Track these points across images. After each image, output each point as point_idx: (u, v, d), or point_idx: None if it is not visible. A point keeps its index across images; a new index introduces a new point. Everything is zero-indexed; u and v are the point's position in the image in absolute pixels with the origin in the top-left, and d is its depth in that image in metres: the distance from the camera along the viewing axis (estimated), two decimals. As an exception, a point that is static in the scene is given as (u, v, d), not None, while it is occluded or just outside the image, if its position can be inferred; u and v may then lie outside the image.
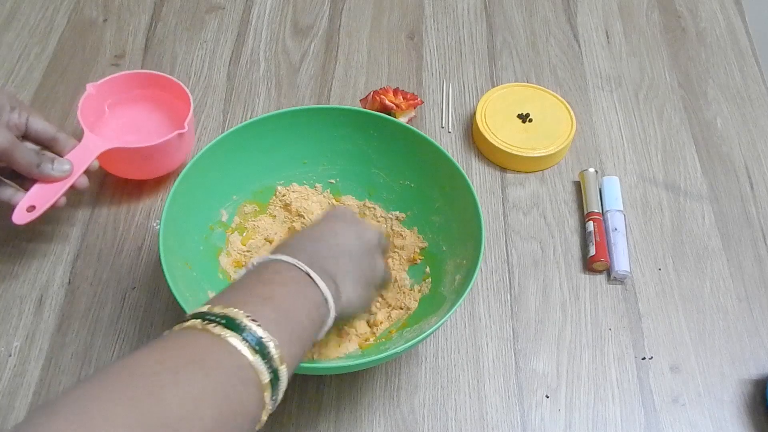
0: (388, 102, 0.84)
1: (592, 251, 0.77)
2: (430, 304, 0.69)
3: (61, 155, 0.71)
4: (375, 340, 0.68)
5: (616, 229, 0.79)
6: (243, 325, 0.45)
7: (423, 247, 0.74)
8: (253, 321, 0.45)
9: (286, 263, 0.53)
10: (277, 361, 0.45)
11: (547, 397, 0.69)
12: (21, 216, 0.68)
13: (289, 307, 0.50)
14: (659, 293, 0.77)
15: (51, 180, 0.69)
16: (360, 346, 0.68)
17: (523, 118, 0.87)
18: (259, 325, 0.45)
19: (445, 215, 0.72)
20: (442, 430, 0.67)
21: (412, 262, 0.74)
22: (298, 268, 0.52)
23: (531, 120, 0.87)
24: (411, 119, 0.87)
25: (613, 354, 0.72)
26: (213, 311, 0.46)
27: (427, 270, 0.72)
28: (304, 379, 0.68)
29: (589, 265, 0.77)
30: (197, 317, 0.46)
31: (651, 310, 0.75)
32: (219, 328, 0.44)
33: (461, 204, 0.69)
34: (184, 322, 0.46)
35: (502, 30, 1.00)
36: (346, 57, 0.96)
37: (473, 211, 0.66)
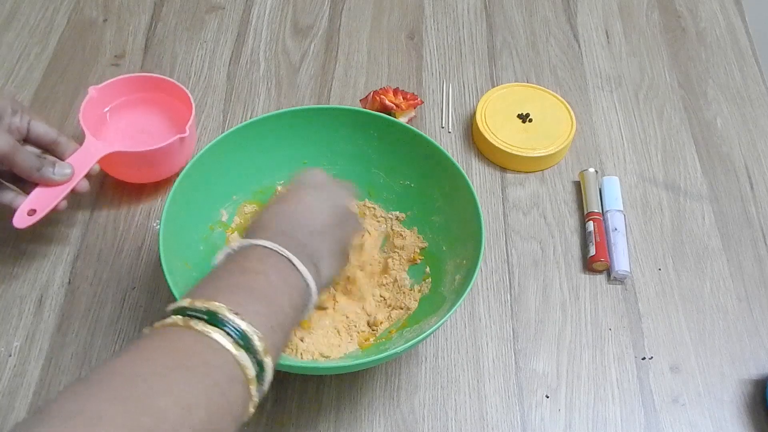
0: (388, 102, 0.84)
1: (592, 251, 0.77)
2: (430, 304, 0.69)
3: (63, 159, 0.71)
4: (375, 340, 0.68)
5: (616, 229, 0.79)
6: (226, 320, 0.45)
7: (423, 247, 0.74)
8: (235, 314, 0.45)
9: (267, 249, 0.52)
10: (262, 353, 0.45)
11: (547, 397, 0.69)
12: (22, 220, 0.68)
13: (272, 295, 0.50)
14: (659, 293, 0.77)
15: (52, 184, 0.69)
16: (360, 346, 0.68)
17: (523, 118, 0.87)
18: (243, 318, 0.45)
19: (445, 215, 0.72)
20: (442, 430, 0.67)
21: (412, 262, 0.74)
22: (279, 254, 0.52)
23: (531, 120, 0.87)
24: (411, 119, 0.87)
25: (613, 354, 0.72)
26: (194, 306, 0.46)
27: (427, 270, 0.72)
28: (304, 379, 0.68)
29: (589, 265, 0.77)
30: (178, 312, 0.46)
31: (651, 310, 0.75)
32: (202, 324, 0.44)
33: (461, 204, 0.69)
34: (166, 318, 0.46)
35: (502, 30, 1.00)
36: (346, 57, 0.96)
37: (473, 210, 0.66)
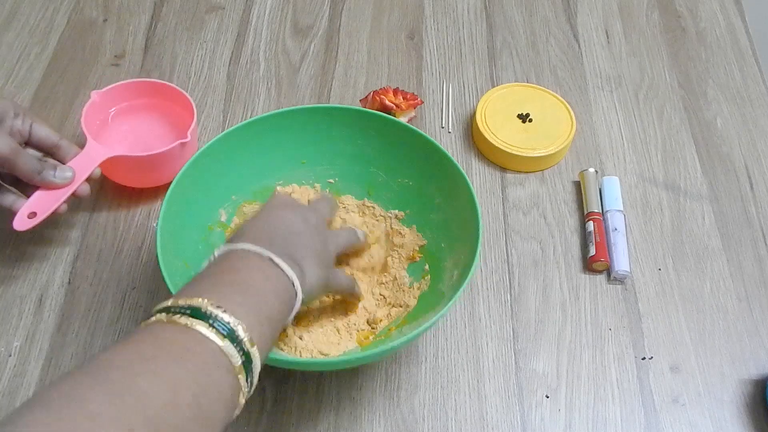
0: (388, 102, 0.84)
1: (592, 251, 0.77)
2: (429, 301, 0.68)
3: (64, 162, 0.71)
4: (374, 338, 0.68)
5: (616, 229, 0.79)
6: (209, 312, 0.45)
7: (422, 245, 0.74)
8: (218, 307, 0.46)
9: (246, 251, 0.53)
10: (248, 344, 0.46)
11: (547, 397, 0.69)
12: (22, 223, 0.68)
13: (254, 289, 0.50)
14: (659, 293, 0.77)
15: (53, 187, 0.69)
16: (359, 344, 0.68)
17: (523, 118, 0.87)
18: (225, 311, 0.46)
19: (444, 213, 0.72)
20: (442, 430, 0.67)
21: (412, 260, 0.73)
22: (258, 254, 0.53)
23: (531, 120, 0.87)
24: (411, 119, 0.87)
25: (613, 354, 0.72)
26: (177, 304, 0.46)
27: (426, 268, 0.72)
28: (304, 379, 0.68)
29: (589, 265, 0.77)
30: (162, 312, 0.46)
31: (651, 310, 0.75)
32: (185, 318, 0.45)
33: (460, 201, 0.69)
34: (150, 318, 0.46)
35: (502, 30, 1.00)
36: (346, 57, 0.96)
37: (471, 208, 0.66)
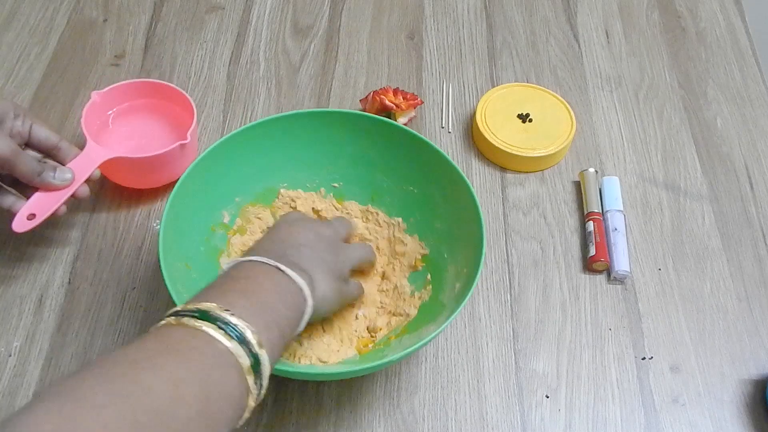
0: (388, 102, 0.84)
1: (592, 251, 0.77)
2: (430, 311, 0.68)
3: (63, 164, 0.71)
4: (374, 346, 0.68)
5: (616, 229, 0.79)
6: (217, 316, 0.46)
7: (424, 254, 0.73)
8: (226, 311, 0.46)
9: (257, 262, 0.55)
10: (256, 346, 0.46)
11: (547, 397, 0.69)
12: (21, 224, 0.68)
13: (264, 296, 0.51)
14: (659, 293, 0.77)
15: (52, 188, 0.69)
16: (358, 351, 0.67)
17: (523, 118, 0.87)
18: (233, 314, 0.46)
19: (448, 222, 0.71)
20: (442, 430, 0.67)
21: (414, 268, 0.73)
22: (267, 264, 0.54)
23: (531, 120, 0.87)
24: (411, 119, 0.87)
25: (613, 354, 0.72)
26: (186, 308, 0.47)
27: (428, 277, 0.71)
28: (303, 380, 0.68)
29: (589, 265, 0.77)
30: (171, 316, 0.47)
31: (651, 310, 0.75)
32: (193, 321, 0.45)
33: (463, 211, 0.68)
34: (159, 322, 0.47)
35: (502, 30, 1.00)
36: (346, 57, 0.96)
37: (475, 219, 0.65)
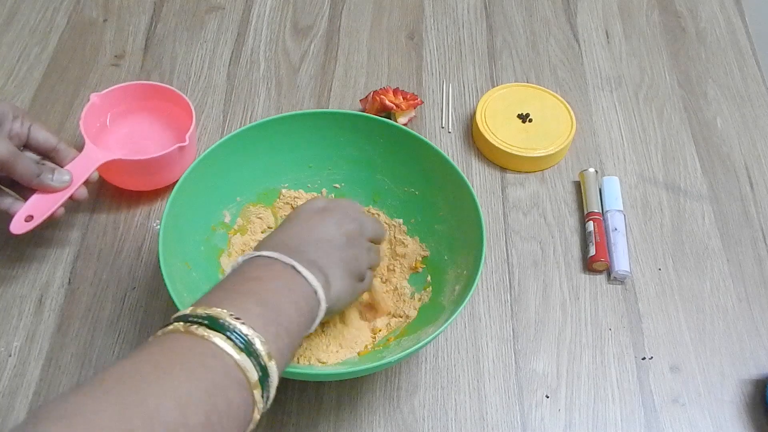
0: (388, 102, 0.84)
1: (592, 251, 0.77)
2: (430, 313, 0.68)
3: (62, 165, 0.71)
4: (373, 347, 0.68)
5: (616, 229, 0.79)
6: (227, 324, 0.44)
7: (425, 256, 0.73)
8: (237, 319, 0.45)
9: (270, 258, 0.53)
10: (265, 358, 0.45)
11: (547, 397, 0.69)
12: (19, 226, 0.68)
13: (275, 301, 0.49)
14: (659, 293, 0.77)
15: (50, 190, 0.69)
16: (358, 353, 0.67)
17: (523, 118, 0.87)
18: (244, 323, 0.45)
19: (448, 224, 0.71)
20: (442, 430, 0.67)
21: (414, 270, 0.73)
22: (282, 262, 0.52)
23: (531, 120, 0.87)
24: (411, 119, 0.87)
25: (613, 354, 0.72)
26: (196, 313, 0.46)
27: (428, 279, 0.72)
28: (303, 381, 0.68)
29: (589, 265, 0.77)
30: (180, 320, 0.45)
31: (651, 310, 0.75)
32: (202, 329, 0.44)
33: (464, 214, 0.68)
34: (168, 326, 0.46)
35: (502, 30, 1.00)
36: (346, 57, 0.96)
37: (476, 222, 0.65)
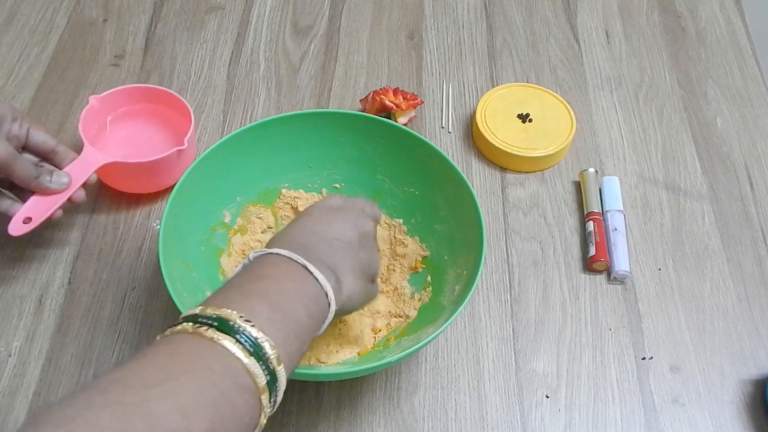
0: (388, 102, 0.84)
1: (592, 251, 0.77)
2: (430, 313, 0.68)
3: (60, 167, 0.71)
4: (373, 347, 0.68)
5: (616, 229, 0.79)
6: (236, 327, 0.44)
7: (425, 256, 0.73)
8: (247, 321, 0.44)
9: (283, 257, 0.51)
10: (274, 362, 0.44)
11: (547, 397, 0.69)
12: (17, 227, 0.68)
13: (286, 303, 0.48)
14: (659, 293, 0.77)
15: (49, 192, 0.69)
16: (358, 353, 0.67)
17: (523, 118, 0.87)
18: (254, 326, 0.44)
19: (448, 224, 0.71)
20: (442, 430, 0.67)
21: (414, 270, 0.73)
22: (294, 261, 0.51)
23: (531, 120, 0.87)
24: (411, 119, 0.87)
25: (613, 354, 0.72)
26: (205, 313, 0.45)
27: (428, 279, 0.72)
28: (303, 381, 0.68)
29: (589, 265, 0.77)
30: (189, 320, 0.45)
31: (651, 310, 0.75)
32: (211, 331, 0.43)
33: (464, 215, 0.68)
34: (176, 325, 0.45)
35: (502, 30, 1.00)
36: (346, 57, 0.96)
37: (476, 222, 0.65)
